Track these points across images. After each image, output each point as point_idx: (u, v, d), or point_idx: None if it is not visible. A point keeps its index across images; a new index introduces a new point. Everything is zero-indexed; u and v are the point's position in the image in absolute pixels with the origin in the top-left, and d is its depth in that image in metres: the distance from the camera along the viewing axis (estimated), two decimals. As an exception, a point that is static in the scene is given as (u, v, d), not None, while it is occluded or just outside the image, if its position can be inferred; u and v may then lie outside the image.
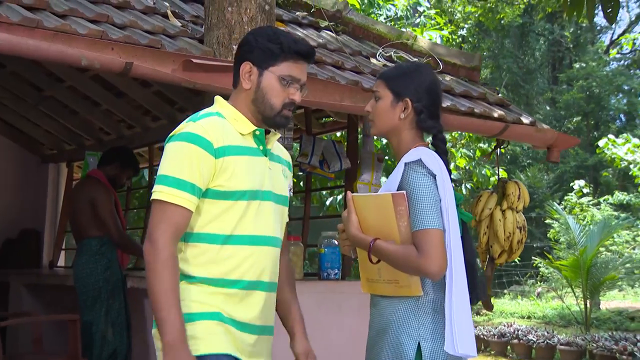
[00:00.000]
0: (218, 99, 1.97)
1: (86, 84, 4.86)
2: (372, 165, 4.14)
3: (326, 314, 3.99)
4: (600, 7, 3.97)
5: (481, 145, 9.52)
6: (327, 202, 7.66)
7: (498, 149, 3.90)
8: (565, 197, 16.22)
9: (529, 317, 11.45)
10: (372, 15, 8.63)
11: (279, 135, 2.00)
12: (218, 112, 1.91)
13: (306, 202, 4.73)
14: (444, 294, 1.91)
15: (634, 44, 17.86)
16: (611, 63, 22.77)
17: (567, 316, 10.75)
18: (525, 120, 3.76)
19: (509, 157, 18.80)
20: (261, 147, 1.92)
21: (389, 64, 3.92)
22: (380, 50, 4.05)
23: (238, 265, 1.85)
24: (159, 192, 1.80)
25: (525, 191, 3.76)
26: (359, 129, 4.63)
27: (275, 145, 2.01)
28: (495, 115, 3.63)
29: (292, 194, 2.44)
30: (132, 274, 4.58)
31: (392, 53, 4.05)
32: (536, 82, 22.36)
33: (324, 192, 7.55)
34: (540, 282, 15.08)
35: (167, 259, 1.76)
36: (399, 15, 9.63)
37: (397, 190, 1.90)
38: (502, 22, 18.20)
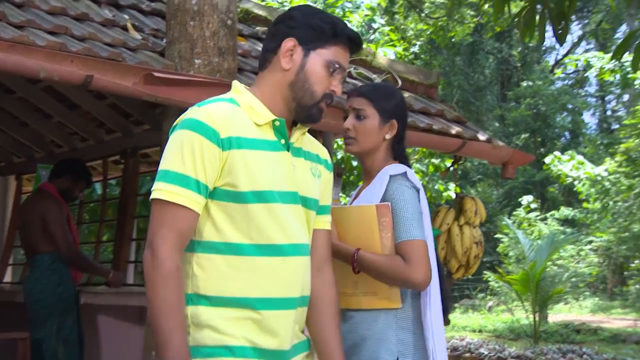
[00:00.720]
0: (235, 84, 1.67)
1: (38, 95, 4.74)
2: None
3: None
4: (551, 28, 4.11)
5: (434, 160, 9.70)
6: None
7: (455, 165, 3.97)
8: (514, 212, 16.62)
9: (480, 331, 11.64)
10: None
11: (305, 129, 1.68)
12: (231, 98, 1.62)
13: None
14: (419, 308, 1.94)
15: (577, 64, 18.50)
16: (556, 82, 23.56)
17: (517, 329, 10.97)
18: (482, 137, 3.85)
19: (460, 172, 19.18)
20: (282, 141, 1.61)
21: (348, 80, 3.96)
22: (340, 67, 4.08)
23: (262, 280, 1.54)
24: (158, 190, 1.51)
25: (482, 207, 3.84)
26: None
27: (305, 139, 1.71)
28: (453, 131, 3.71)
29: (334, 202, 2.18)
30: (86, 289, 4.47)
31: (352, 69, 4.09)
32: (486, 99, 22.95)
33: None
34: (491, 295, 15.37)
35: (170, 273, 1.46)
36: (354, 32, 9.72)
37: (381, 202, 1.93)
38: (453, 40, 18.66)
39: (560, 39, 4.17)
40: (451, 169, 4.07)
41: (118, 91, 2.88)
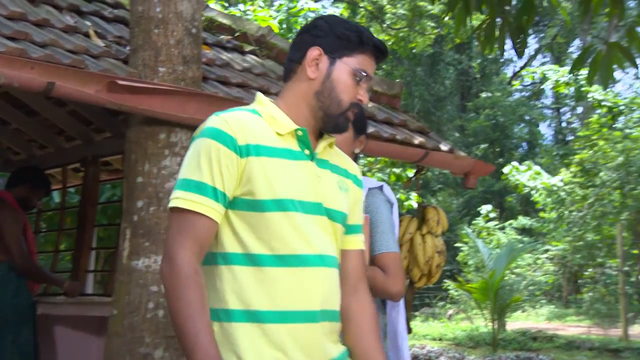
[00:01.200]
0: (258, 95, 1.66)
1: (-6, 101, 4.63)
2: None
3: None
4: (510, 41, 4.21)
5: (395, 170, 9.80)
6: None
7: (417, 175, 4.02)
8: (473, 221, 16.88)
9: (440, 339, 11.76)
10: (291, 40, 8.75)
11: (332, 140, 1.63)
12: (253, 109, 1.60)
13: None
14: (386, 318, 1.97)
15: (533, 77, 18.96)
16: (514, 94, 24.10)
17: (476, 337, 11.12)
18: (444, 147, 3.92)
19: (421, 181, 19.40)
20: (306, 151, 1.57)
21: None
22: (305, 77, 4.11)
23: (285, 292, 1.48)
24: (176, 198, 1.48)
25: (444, 216, 3.88)
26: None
27: (333, 152, 1.67)
28: (416, 142, 3.76)
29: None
30: (43, 299, 4.37)
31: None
32: (446, 109, 23.32)
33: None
34: (451, 304, 15.55)
35: (189, 276, 1.41)
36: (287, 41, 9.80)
37: None
38: (414, 51, 18.92)
39: (519, 52, 4.28)
40: (413, 178, 4.12)
41: (80, 99, 2.84)
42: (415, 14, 17.15)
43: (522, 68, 24.17)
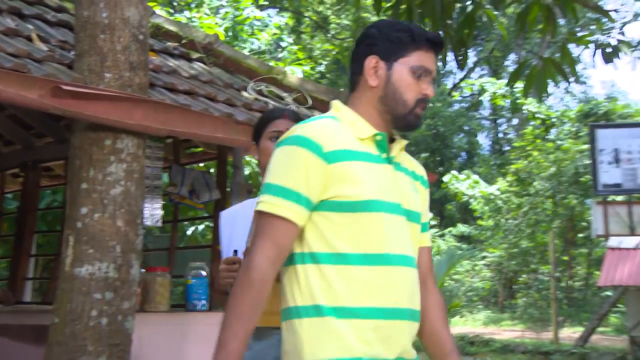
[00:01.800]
0: (335, 102, 1.71)
1: None
2: (242, 196, 4.19)
3: (193, 346, 3.94)
4: (452, 54, 4.37)
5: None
6: (188, 232, 7.56)
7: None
8: (414, 229, 17.13)
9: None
10: (237, 48, 8.76)
11: (405, 143, 1.69)
12: (333, 115, 1.66)
13: (173, 232, 4.65)
14: None
15: (472, 88, 19.53)
16: (454, 105, 24.71)
17: (416, 343, 11.28)
18: (387, 157, 4.01)
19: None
20: (384, 155, 1.63)
21: (260, 97, 4.02)
22: (252, 84, 4.14)
23: (371, 289, 1.54)
24: (261, 202, 1.56)
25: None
26: (229, 160, 4.67)
27: (405, 157, 1.73)
28: (361, 151, 3.83)
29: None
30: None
31: (263, 87, 4.16)
32: (388, 119, 23.67)
33: (185, 222, 7.46)
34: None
35: (255, 281, 1.50)
36: (262, 49, 9.84)
37: None
38: (357, 61, 19.13)
39: (461, 64, 4.44)
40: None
41: (23, 103, 2.79)
42: (359, 24, 17.43)
43: (461, 80, 24.81)
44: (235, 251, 2.05)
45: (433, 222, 16.92)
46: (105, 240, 2.94)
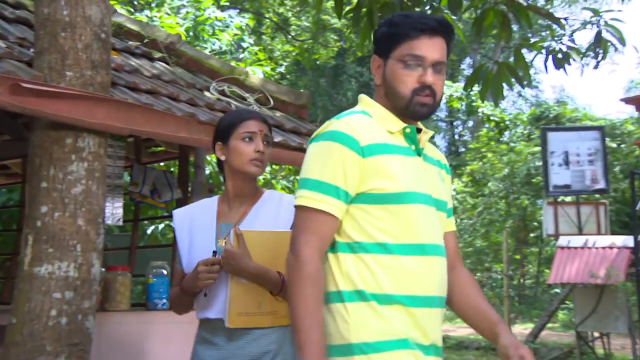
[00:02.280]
0: (362, 97, 1.77)
1: None
2: (203, 196, 4.20)
3: (154, 345, 3.93)
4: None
5: (298, 177, 9.97)
6: (148, 231, 7.50)
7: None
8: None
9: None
10: (198, 48, 8.73)
11: (431, 134, 1.76)
12: (363, 110, 1.71)
13: (134, 231, 4.63)
14: None
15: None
16: (411, 106, 24.97)
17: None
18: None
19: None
20: (413, 147, 1.70)
21: (222, 97, 4.04)
22: (214, 84, 4.16)
23: (408, 278, 1.60)
24: (300, 197, 1.61)
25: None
26: (191, 160, 4.67)
27: (429, 147, 1.79)
28: (322, 152, 3.89)
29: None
30: None
31: (226, 87, 4.18)
32: (347, 120, 23.80)
33: (145, 222, 7.40)
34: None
35: (310, 274, 1.55)
36: (223, 50, 9.81)
37: (291, 228, 2.03)
38: (317, 62, 19.28)
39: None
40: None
41: (-19, 101, 2.75)
42: (318, 26, 17.52)
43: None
44: (215, 252, 2.05)
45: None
46: (65, 239, 2.92)
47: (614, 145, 11.85)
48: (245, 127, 2.12)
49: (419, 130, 1.73)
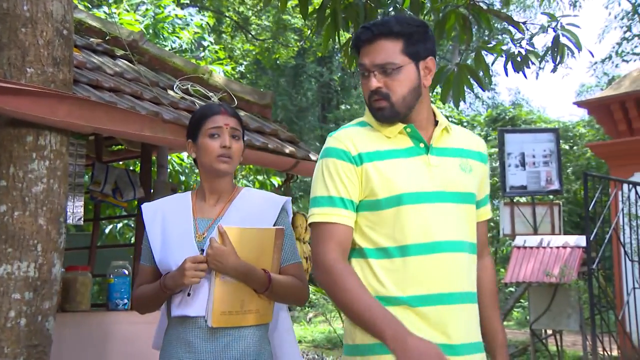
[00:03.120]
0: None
1: None
2: (167, 195, 4.17)
3: (114, 346, 3.88)
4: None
5: (259, 177, 9.95)
6: (106, 231, 7.39)
7: (288, 183, 4.19)
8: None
9: (300, 342, 12.04)
10: (158, 46, 8.64)
11: (445, 125, 1.78)
12: (362, 120, 1.80)
13: (94, 230, 4.56)
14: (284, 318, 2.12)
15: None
16: (370, 107, 25.20)
17: (334, 339, 11.52)
18: (313, 157, 4.11)
19: (282, 189, 19.74)
20: (422, 144, 1.73)
21: (186, 96, 4.02)
22: (178, 83, 4.13)
23: (411, 279, 1.64)
24: (311, 215, 1.71)
25: (311, 223, 4.09)
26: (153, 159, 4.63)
27: (452, 136, 1.80)
28: (287, 151, 3.91)
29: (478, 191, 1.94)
30: None
31: (189, 86, 4.15)
32: (308, 119, 23.89)
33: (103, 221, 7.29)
34: (310, 307, 15.94)
35: (343, 269, 1.62)
36: (184, 48, 9.72)
37: (274, 226, 2.02)
38: (277, 61, 19.26)
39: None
40: (284, 186, 4.28)
41: (-63, 98, 2.68)
42: (279, 26, 17.50)
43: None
44: (202, 250, 1.99)
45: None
46: (25, 239, 2.86)
47: (567, 147, 12.19)
48: (211, 123, 2.07)
49: (436, 123, 1.79)
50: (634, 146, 8.53)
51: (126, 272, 4.00)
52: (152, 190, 4.30)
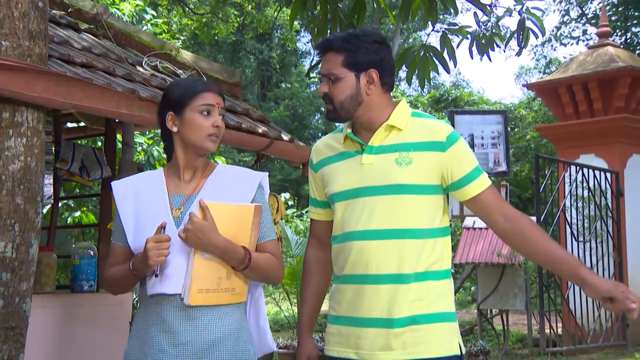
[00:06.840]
0: None
1: None
2: (132, 174, 4.08)
3: (80, 328, 3.81)
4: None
5: (222, 157, 9.83)
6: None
7: (258, 163, 4.18)
8: (273, 208, 17.38)
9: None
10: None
11: (387, 125, 2.03)
12: (341, 127, 2.14)
13: (53, 210, 4.42)
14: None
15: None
16: (311, 86, 25.23)
17: (281, 321, 11.60)
18: (285, 137, 4.11)
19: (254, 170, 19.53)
20: (363, 146, 2.04)
21: (156, 73, 3.93)
22: (146, 59, 4.03)
23: (338, 262, 2.06)
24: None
25: (282, 204, 4.10)
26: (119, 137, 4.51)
27: (408, 131, 2.02)
28: (260, 131, 3.89)
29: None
30: None
31: (158, 63, 4.06)
32: (247, 97, 23.66)
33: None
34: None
35: (307, 267, 2.20)
36: (124, 21, 9.39)
37: (252, 202, 2.00)
38: (216, 37, 18.94)
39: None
40: (256, 166, 4.27)
41: None
42: (218, 0, 17.16)
43: (318, 62, 25.37)
44: (163, 228, 1.91)
45: (290, 203, 17.22)
46: (2, 218, 2.75)
47: (508, 129, 12.60)
48: (203, 99, 2.01)
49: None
50: (581, 129, 8.71)
51: (92, 252, 3.91)
52: (117, 169, 4.20)
